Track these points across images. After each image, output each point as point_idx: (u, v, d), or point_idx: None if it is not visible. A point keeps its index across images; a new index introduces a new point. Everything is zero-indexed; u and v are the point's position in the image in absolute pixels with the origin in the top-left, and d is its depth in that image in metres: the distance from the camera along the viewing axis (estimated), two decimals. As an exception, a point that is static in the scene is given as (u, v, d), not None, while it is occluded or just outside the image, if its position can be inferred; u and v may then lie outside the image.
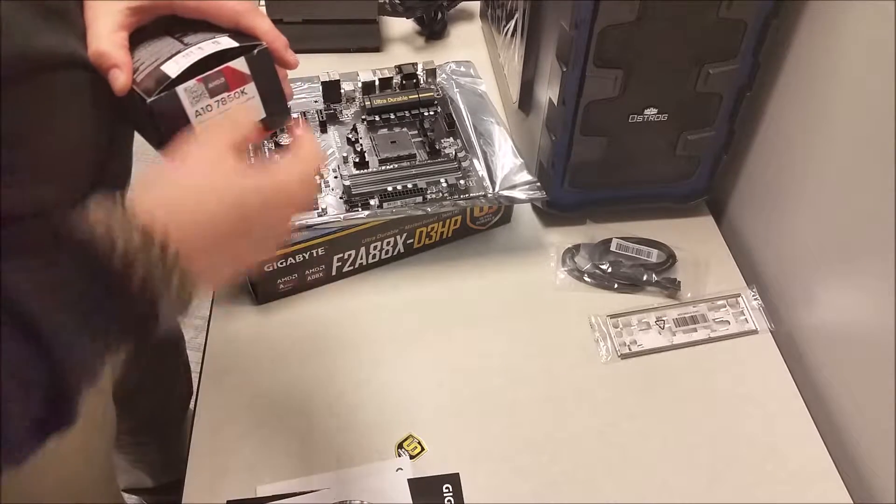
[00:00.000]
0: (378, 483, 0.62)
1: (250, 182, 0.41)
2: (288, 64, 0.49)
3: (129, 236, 0.35)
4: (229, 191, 0.40)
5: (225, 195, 0.40)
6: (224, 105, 0.46)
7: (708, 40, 0.68)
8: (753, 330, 0.73)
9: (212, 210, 0.39)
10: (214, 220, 0.39)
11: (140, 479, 1.06)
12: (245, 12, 0.46)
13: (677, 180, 0.81)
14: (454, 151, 0.77)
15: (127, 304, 0.36)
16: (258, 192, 0.41)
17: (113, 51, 0.44)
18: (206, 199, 0.39)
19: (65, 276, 0.35)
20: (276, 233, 0.45)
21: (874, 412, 0.62)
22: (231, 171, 0.41)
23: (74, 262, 0.35)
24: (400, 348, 0.71)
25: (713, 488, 0.62)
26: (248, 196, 0.41)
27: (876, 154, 0.60)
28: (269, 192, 0.42)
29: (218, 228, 0.40)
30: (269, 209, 0.42)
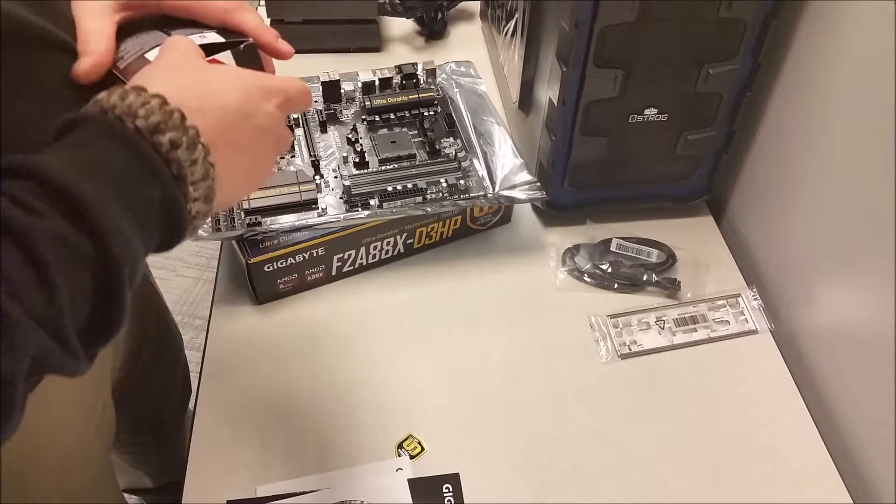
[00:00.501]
0: (378, 483, 0.62)
1: (247, 70, 0.43)
2: (280, 54, 0.49)
3: (149, 108, 0.36)
4: (229, 72, 0.42)
5: (225, 75, 0.41)
6: None
7: (708, 40, 0.68)
8: (753, 330, 0.73)
9: (219, 88, 0.40)
10: (223, 99, 0.40)
11: (140, 479, 1.06)
12: (232, 10, 0.46)
13: (677, 180, 0.81)
14: (454, 151, 0.77)
15: (159, 175, 0.36)
16: (255, 77, 0.43)
17: (94, 38, 0.44)
18: (211, 79, 0.41)
19: (94, 154, 0.35)
20: (276, 134, 0.44)
21: (874, 412, 0.62)
22: (212, 65, 0.43)
23: (102, 139, 0.35)
24: (400, 348, 0.71)
25: (713, 488, 0.62)
26: (248, 79, 0.42)
27: (876, 154, 0.60)
28: (267, 80, 0.43)
29: (227, 109, 0.40)
30: (271, 95, 0.43)
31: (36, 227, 0.30)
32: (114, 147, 0.35)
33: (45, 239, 0.30)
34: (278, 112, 0.44)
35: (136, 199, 0.35)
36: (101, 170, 0.34)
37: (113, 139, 0.35)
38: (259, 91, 0.43)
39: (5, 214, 0.30)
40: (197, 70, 0.41)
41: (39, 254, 0.30)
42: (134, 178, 0.35)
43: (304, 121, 0.80)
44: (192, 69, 0.41)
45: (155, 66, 0.41)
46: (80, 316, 0.32)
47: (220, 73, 0.42)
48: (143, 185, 0.35)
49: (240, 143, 0.42)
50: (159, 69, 0.41)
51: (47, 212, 0.31)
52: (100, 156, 0.34)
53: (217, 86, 0.41)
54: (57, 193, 0.32)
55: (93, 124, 0.36)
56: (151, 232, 0.36)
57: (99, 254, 0.32)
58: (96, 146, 0.35)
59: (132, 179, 0.35)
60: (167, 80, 0.39)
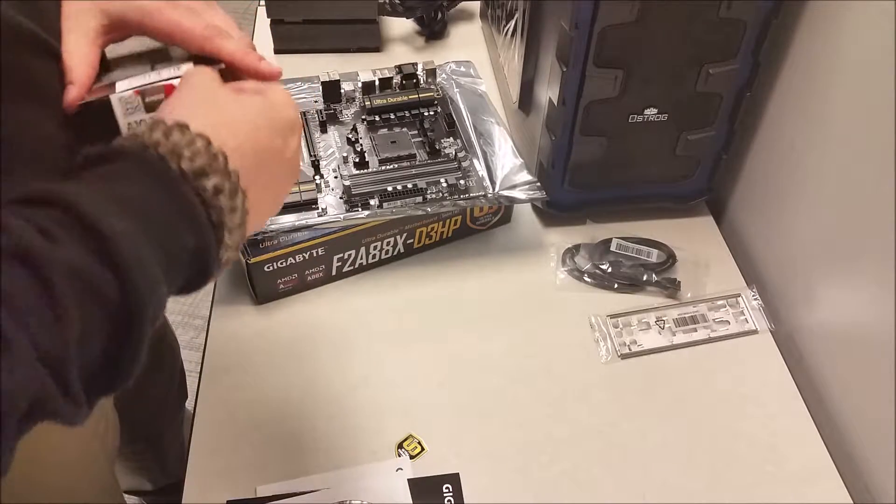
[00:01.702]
0: (378, 483, 0.62)
1: (259, 97, 0.42)
2: (263, 75, 0.47)
3: (195, 150, 0.35)
4: (255, 105, 0.41)
5: (253, 108, 0.40)
6: None
7: (708, 40, 0.68)
8: (753, 330, 0.73)
9: (252, 125, 0.40)
10: (257, 137, 0.40)
11: (140, 483, 1.06)
12: (211, 37, 0.45)
13: (677, 180, 0.81)
14: (454, 151, 0.77)
15: (197, 221, 0.35)
16: (281, 107, 0.42)
17: (78, 67, 0.43)
18: (242, 114, 0.40)
19: (131, 190, 0.33)
20: (296, 165, 0.44)
21: (874, 412, 0.62)
22: (236, 93, 0.42)
23: (142, 176, 0.34)
24: (400, 348, 0.71)
25: (713, 488, 0.62)
26: (275, 111, 0.42)
27: (876, 154, 0.60)
28: (288, 109, 0.43)
29: (262, 149, 0.40)
30: (296, 128, 0.43)
31: (56, 257, 0.29)
32: (154, 187, 0.34)
33: (63, 269, 0.29)
34: (299, 144, 0.44)
35: (169, 242, 0.33)
36: (136, 207, 0.32)
37: (154, 179, 0.34)
38: (286, 125, 0.42)
39: (26, 240, 0.29)
40: (227, 103, 0.40)
41: (54, 284, 0.28)
42: (170, 222, 0.34)
43: (304, 121, 0.80)
44: (222, 102, 0.40)
45: (185, 98, 0.40)
46: (89, 357, 0.30)
47: (249, 107, 0.41)
48: (179, 230, 0.34)
49: (270, 183, 0.41)
50: (190, 102, 0.39)
51: (72, 244, 0.30)
52: (137, 193, 0.33)
53: (249, 121, 0.40)
54: (85, 226, 0.30)
55: (133, 160, 0.34)
56: (177, 277, 0.35)
57: (121, 293, 0.31)
58: (134, 182, 0.33)
59: (168, 222, 0.34)
60: (201, 114, 0.38)
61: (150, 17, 0.45)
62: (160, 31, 0.45)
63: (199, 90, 0.40)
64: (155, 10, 0.45)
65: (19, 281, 0.28)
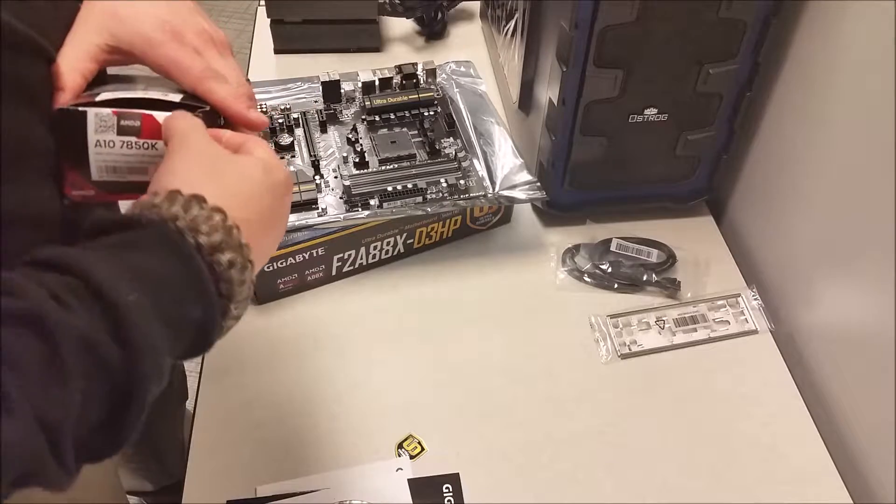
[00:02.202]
0: (378, 483, 0.62)
1: (253, 158, 0.42)
2: (252, 125, 0.46)
3: (213, 225, 0.35)
4: (254, 165, 0.41)
5: (253, 171, 0.41)
6: (128, 149, 0.43)
7: (708, 40, 0.68)
8: (753, 330, 0.73)
9: (255, 190, 0.40)
10: (261, 206, 0.40)
11: (140, 483, 1.06)
12: (205, 79, 0.45)
13: (677, 180, 0.81)
14: (454, 151, 0.77)
15: (206, 295, 0.35)
16: (276, 170, 0.42)
17: (68, 74, 0.43)
18: (244, 178, 0.40)
19: (145, 261, 0.34)
20: (287, 217, 0.45)
21: (874, 412, 0.62)
22: (232, 155, 0.42)
23: (158, 248, 0.34)
24: (400, 348, 0.71)
25: (713, 488, 0.62)
26: (272, 173, 0.42)
27: (876, 154, 0.60)
28: (283, 170, 0.43)
29: (265, 218, 0.41)
30: (290, 187, 0.44)
31: (66, 325, 0.29)
32: (170, 260, 0.34)
33: (73, 340, 0.29)
34: (288, 202, 0.44)
35: (178, 314, 0.34)
36: (150, 279, 0.33)
37: (171, 252, 0.34)
38: (282, 188, 0.43)
39: (38, 306, 0.29)
40: (228, 169, 0.40)
41: (63, 353, 0.29)
42: (182, 295, 0.34)
43: (304, 121, 0.80)
44: (222, 167, 0.40)
45: (187, 163, 0.39)
46: (85, 428, 0.31)
47: (249, 173, 0.41)
48: (187, 302, 0.35)
49: (270, 248, 0.43)
50: (197, 170, 0.39)
51: (84, 314, 0.30)
52: (151, 265, 0.34)
53: (254, 192, 0.40)
54: (98, 297, 0.31)
55: (151, 231, 0.35)
56: (179, 346, 0.35)
57: (127, 370, 0.31)
58: (152, 254, 0.34)
59: (180, 295, 0.34)
60: (211, 185, 0.38)
61: (153, 49, 0.45)
62: (159, 64, 0.45)
63: (198, 155, 0.40)
64: (158, 44, 0.45)
65: (29, 346, 0.29)
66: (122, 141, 0.43)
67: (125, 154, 0.43)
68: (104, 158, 0.43)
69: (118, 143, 0.43)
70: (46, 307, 0.29)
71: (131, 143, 0.43)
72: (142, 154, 0.43)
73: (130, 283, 0.32)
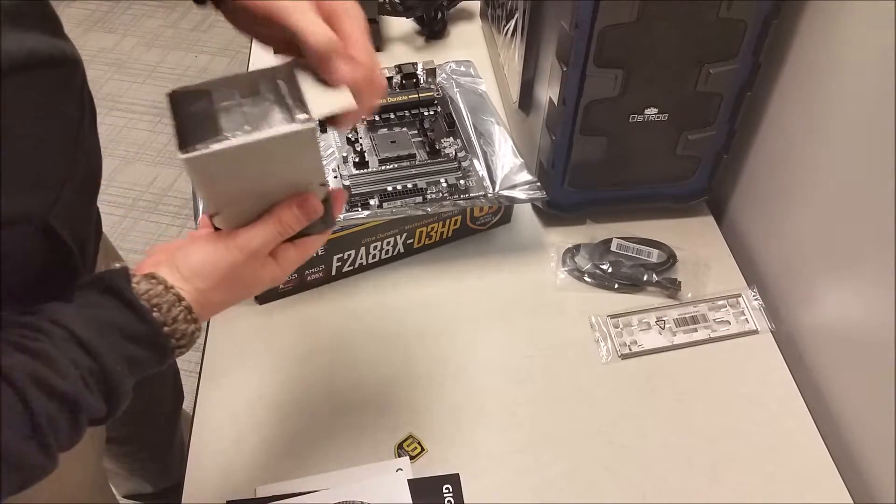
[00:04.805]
0: (378, 483, 0.62)
1: (271, 276, 0.49)
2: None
3: (171, 304, 0.44)
4: (263, 280, 0.49)
5: (221, 266, 0.46)
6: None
7: (708, 40, 0.68)
8: (754, 330, 0.73)
9: (247, 287, 0.48)
10: (221, 283, 0.47)
11: (140, 485, 1.06)
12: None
13: (677, 180, 0.81)
14: (454, 151, 0.77)
15: (157, 346, 0.44)
16: (275, 280, 0.50)
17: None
18: (210, 270, 0.46)
19: (110, 319, 0.42)
20: (257, 285, 0.50)
21: (874, 412, 0.62)
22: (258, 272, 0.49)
23: (122, 314, 0.42)
24: (400, 348, 0.71)
25: (713, 488, 0.62)
26: (269, 283, 0.49)
27: (876, 154, 0.60)
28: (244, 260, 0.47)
29: (237, 293, 0.48)
30: (253, 268, 0.48)
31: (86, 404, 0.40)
32: (129, 323, 0.43)
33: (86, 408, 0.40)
34: (256, 282, 0.49)
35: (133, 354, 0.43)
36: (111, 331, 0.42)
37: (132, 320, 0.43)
38: (261, 287, 0.49)
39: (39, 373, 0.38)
40: (242, 284, 0.48)
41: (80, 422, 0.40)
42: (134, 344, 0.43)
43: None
44: (238, 284, 0.48)
45: (220, 286, 0.46)
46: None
47: (259, 281, 0.49)
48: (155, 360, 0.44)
49: (222, 305, 0.48)
50: (223, 289, 0.47)
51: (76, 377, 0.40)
52: (115, 322, 0.43)
53: (247, 287, 0.48)
54: (94, 370, 0.41)
55: (122, 307, 0.43)
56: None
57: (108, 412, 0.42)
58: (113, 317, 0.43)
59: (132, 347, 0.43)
60: (224, 297, 0.47)
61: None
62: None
63: (228, 278, 0.46)
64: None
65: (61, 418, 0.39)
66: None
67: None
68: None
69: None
70: (46, 375, 0.39)
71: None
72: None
73: (99, 334, 0.41)
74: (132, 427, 0.91)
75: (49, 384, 0.38)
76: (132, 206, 1.78)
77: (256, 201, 0.46)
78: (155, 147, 1.94)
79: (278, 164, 0.44)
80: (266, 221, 0.46)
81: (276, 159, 0.44)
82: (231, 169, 0.42)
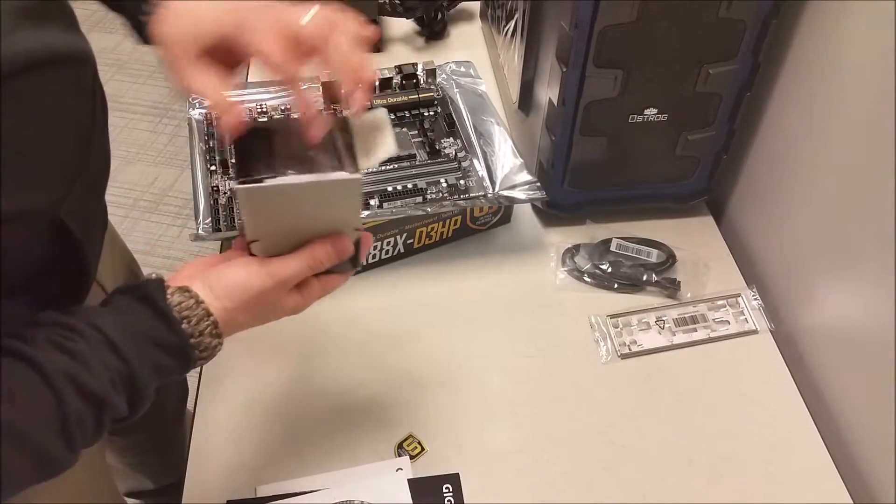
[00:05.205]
0: (378, 483, 0.62)
1: (293, 306, 0.51)
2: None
3: (200, 318, 0.46)
4: (252, 286, 0.49)
5: (251, 289, 0.49)
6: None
7: (708, 40, 0.68)
8: (753, 330, 0.73)
9: (245, 298, 0.49)
10: (247, 305, 0.49)
11: (141, 482, 1.06)
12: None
13: (677, 180, 0.81)
14: (454, 151, 0.77)
15: (183, 356, 0.46)
16: (266, 290, 0.50)
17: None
18: (241, 291, 0.48)
19: (142, 326, 0.44)
20: (278, 312, 0.52)
21: (874, 412, 0.62)
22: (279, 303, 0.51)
23: (154, 323, 0.44)
24: (400, 348, 0.71)
25: (713, 488, 0.62)
26: (263, 290, 0.50)
27: (876, 154, 0.60)
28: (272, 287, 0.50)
29: (245, 305, 0.49)
30: (279, 295, 0.51)
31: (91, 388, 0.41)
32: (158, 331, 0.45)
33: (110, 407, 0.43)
34: (277, 307, 0.51)
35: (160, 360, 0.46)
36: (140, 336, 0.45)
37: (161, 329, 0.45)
38: (281, 314, 0.52)
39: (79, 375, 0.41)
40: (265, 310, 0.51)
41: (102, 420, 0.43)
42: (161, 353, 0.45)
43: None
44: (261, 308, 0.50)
45: (246, 307, 0.48)
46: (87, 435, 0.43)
47: (278, 310, 0.51)
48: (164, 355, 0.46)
49: (243, 325, 0.50)
50: (248, 311, 0.49)
51: (105, 374, 0.42)
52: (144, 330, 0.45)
53: (267, 314, 0.51)
54: (123, 373, 0.43)
55: (155, 316, 0.45)
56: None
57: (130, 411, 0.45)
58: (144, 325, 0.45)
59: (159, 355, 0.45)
60: (246, 319, 0.49)
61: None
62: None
63: (252, 301, 0.49)
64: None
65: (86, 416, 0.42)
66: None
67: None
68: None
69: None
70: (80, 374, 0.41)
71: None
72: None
73: (128, 337, 0.44)
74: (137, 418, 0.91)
75: (80, 383, 0.41)
76: (133, 207, 1.78)
77: (294, 235, 0.49)
78: (155, 147, 1.94)
79: (322, 206, 0.48)
80: (300, 255, 0.49)
81: (321, 201, 0.48)
82: (279, 203, 0.46)
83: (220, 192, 0.71)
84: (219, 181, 0.72)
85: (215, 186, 0.71)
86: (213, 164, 0.73)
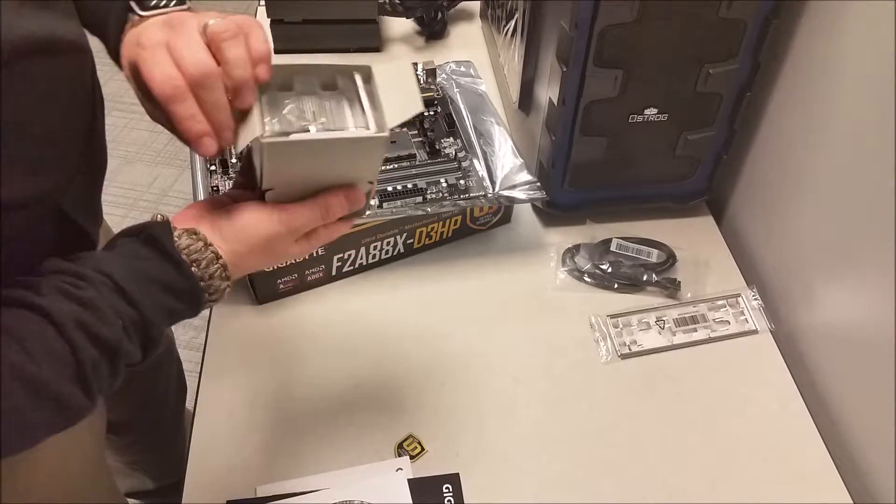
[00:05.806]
0: (378, 483, 0.62)
1: (274, 228, 0.49)
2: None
3: (209, 262, 0.46)
4: (263, 232, 0.49)
5: (262, 235, 0.48)
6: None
7: (708, 40, 0.68)
8: (753, 330, 0.73)
9: (255, 243, 0.48)
10: (257, 249, 0.49)
11: (141, 481, 1.06)
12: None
13: (677, 180, 0.81)
14: (454, 151, 0.77)
15: (193, 299, 0.46)
16: (277, 236, 0.50)
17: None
18: (252, 236, 0.48)
19: (151, 271, 0.43)
20: (285, 257, 0.52)
21: (874, 412, 0.62)
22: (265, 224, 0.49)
23: (163, 266, 0.44)
24: (400, 348, 0.71)
25: (713, 488, 0.62)
26: (274, 236, 0.49)
27: (876, 154, 0.60)
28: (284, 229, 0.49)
29: (254, 249, 0.49)
30: (288, 241, 0.50)
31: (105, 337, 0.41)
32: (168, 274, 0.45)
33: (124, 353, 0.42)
34: (288, 249, 0.50)
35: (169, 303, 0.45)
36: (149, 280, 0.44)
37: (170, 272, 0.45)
38: (281, 240, 0.50)
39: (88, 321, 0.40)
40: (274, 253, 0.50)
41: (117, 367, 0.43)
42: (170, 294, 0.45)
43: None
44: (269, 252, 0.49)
45: (255, 251, 0.48)
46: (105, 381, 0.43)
47: (289, 251, 0.51)
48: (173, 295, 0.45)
49: (253, 266, 0.50)
50: (257, 254, 0.49)
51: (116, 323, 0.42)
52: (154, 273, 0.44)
53: (277, 255, 0.50)
54: (135, 319, 0.43)
55: (164, 260, 0.45)
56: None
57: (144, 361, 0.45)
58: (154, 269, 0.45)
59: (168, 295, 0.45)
60: (254, 262, 0.49)
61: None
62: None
63: (263, 244, 0.48)
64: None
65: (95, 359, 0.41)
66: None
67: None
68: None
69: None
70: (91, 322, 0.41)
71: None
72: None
73: (137, 280, 0.43)
74: (136, 414, 0.91)
75: (94, 332, 0.41)
76: (132, 207, 1.78)
77: (310, 185, 0.49)
78: (155, 147, 1.94)
79: (344, 161, 0.48)
80: (314, 204, 0.48)
81: (343, 157, 0.47)
82: (301, 157, 0.46)
83: (220, 193, 0.71)
84: (219, 181, 0.72)
85: (215, 186, 0.71)
86: (213, 164, 0.73)
